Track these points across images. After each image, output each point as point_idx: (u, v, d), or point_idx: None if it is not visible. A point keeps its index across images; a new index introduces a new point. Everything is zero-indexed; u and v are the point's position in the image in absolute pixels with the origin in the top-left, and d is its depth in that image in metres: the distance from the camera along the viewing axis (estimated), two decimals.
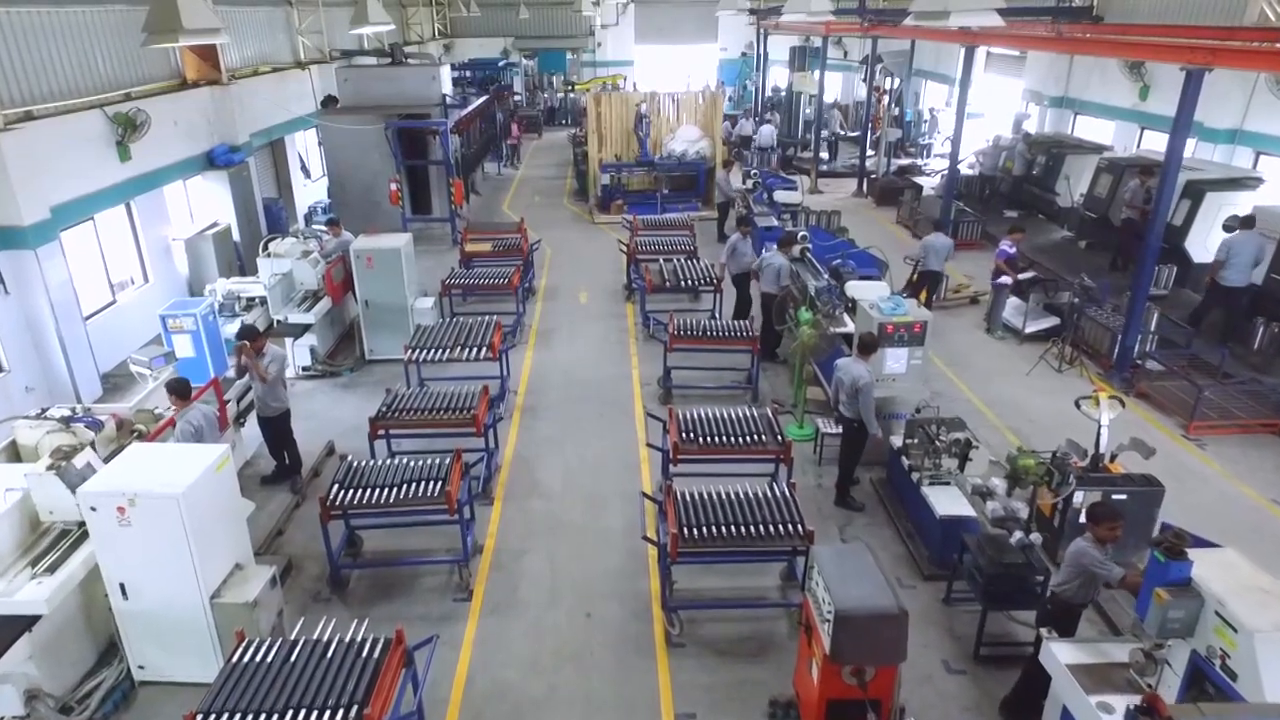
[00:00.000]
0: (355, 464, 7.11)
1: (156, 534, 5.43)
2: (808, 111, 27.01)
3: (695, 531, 6.13)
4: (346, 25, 17.61)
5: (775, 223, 15.23)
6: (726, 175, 17.04)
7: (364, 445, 8.07)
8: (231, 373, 8.96)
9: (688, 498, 6.53)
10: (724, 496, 6.55)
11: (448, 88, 19.61)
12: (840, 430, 8.33)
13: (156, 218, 13.12)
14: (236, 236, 14.82)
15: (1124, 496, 6.76)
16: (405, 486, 6.82)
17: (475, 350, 9.57)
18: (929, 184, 21.81)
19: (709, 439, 7.50)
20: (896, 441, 8.07)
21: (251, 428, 8.97)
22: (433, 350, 9.57)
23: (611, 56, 38.12)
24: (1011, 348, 12.06)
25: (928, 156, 26.01)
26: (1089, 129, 20.50)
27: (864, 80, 27.08)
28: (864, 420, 7.76)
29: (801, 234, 12.62)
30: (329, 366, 11.32)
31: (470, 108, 19.71)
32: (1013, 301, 12.49)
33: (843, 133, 28.40)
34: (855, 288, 10.55)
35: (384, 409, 8.11)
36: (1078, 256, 15.33)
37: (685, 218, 15.41)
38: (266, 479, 8.62)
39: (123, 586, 5.63)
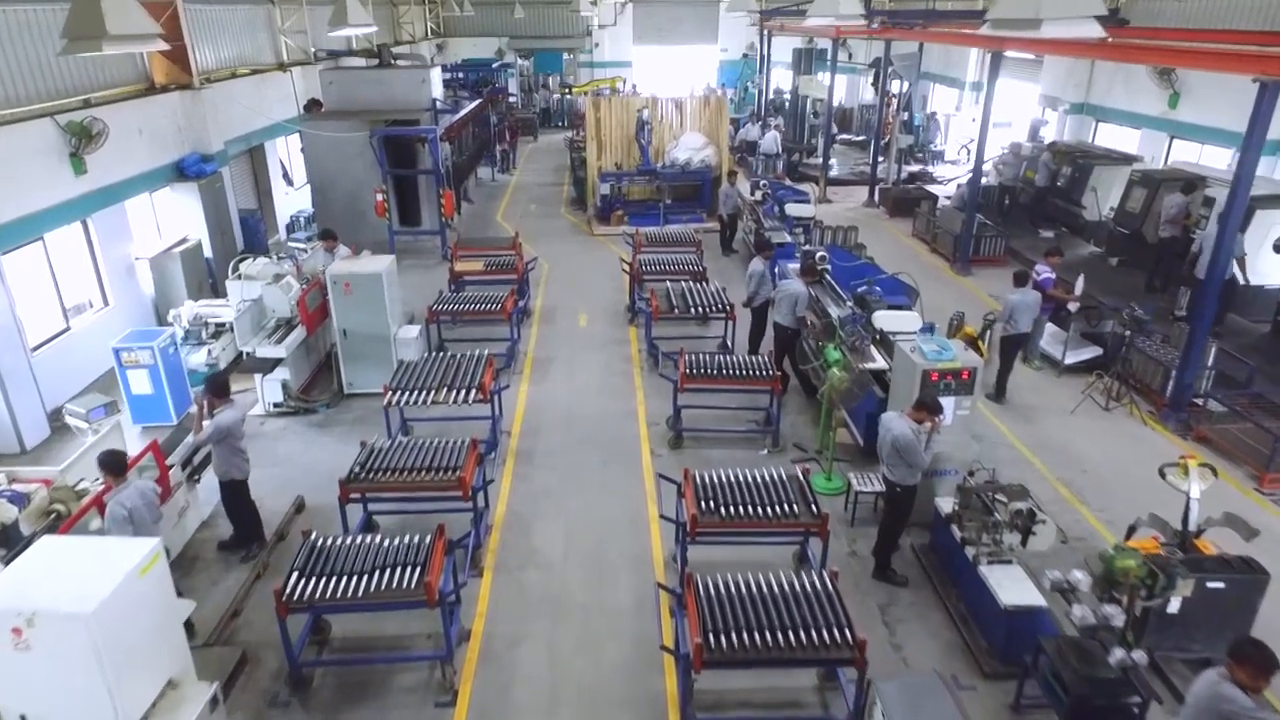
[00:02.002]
0: (319, 543, 6.07)
1: (62, 660, 4.38)
2: (812, 116, 26.04)
3: (723, 640, 5.11)
4: (324, 24, 16.50)
5: (788, 238, 14.24)
6: (733, 187, 15.99)
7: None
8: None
9: (712, 592, 5.50)
10: (754, 591, 5.52)
11: (438, 91, 18.55)
12: (881, 490, 7.33)
13: (118, 235, 12.02)
14: (208, 253, 13.74)
15: (1221, 585, 5.77)
16: (378, 574, 5.78)
17: (464, 393, 8.53)
18: (941, 192, 20.84)
19: (732, 509, 6.48)
20: (944, 504, 7.07)
21: (209, 483, 7.91)
22: (416, 392, 8.52)
23: (609, 57, 37.06)
24: (1050, 380, 11.07)
25: (938, 163, 25.02)
26: (1111, 137, 19.54)
27: (872, 84, 26.16)
28: (913, 467, 6.74)
29: (820, 254, 11.60)
30: (302, 402, 10.26)
31: (462, 113, 18.64)
32: (1050, 329, 11.49)
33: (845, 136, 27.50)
34: (885, 319, 9.58)
35: (357, 469, 7.06)
36: (1109, 275, 14.36)
37: (692, 232, 14.38)
38: (225, 544, 7.56)
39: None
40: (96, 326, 11.36)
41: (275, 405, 10.15)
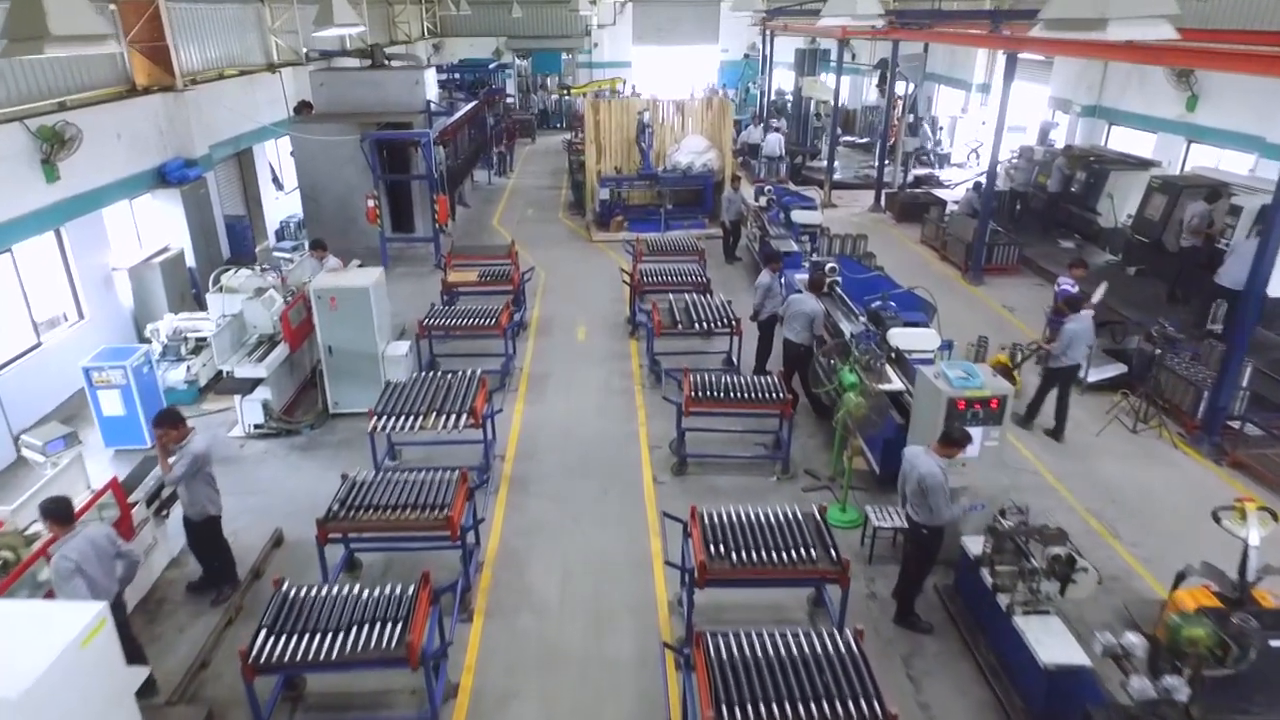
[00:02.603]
0: (291, 595, 5.52)
1: None
2: (815, 117, 25.49)
3: (737, 713, 4.56)
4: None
5: (794, 247, 13.70)
6: (737, 193, 15.44)
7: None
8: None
9: (724, 655, 4.95)
10: (771, 654, 4.97)
11: (433, 93, 18.01)
12: (903, 527, 6.79)
13: (94, 245, 11.46)
14: (191, 262, 13.19)
15: None
16: (355, 630, 5.24)
17: (454, 418, 7.98)
18: (949, 197, 20.31)
19: (744, 554, 5.94)
20: (971, 543, 6.53)
21: (180, 516, 7.36)
22: (403, 418, 7.97)
23: (608, 57, 36.53)
24: (1073, 399, 10.51)
25: (944, 166, 24.50)
26: (1124, 141, 19.01)
27: (877, 85, 25.64)
28: (936, 513, 6.20)
29: (830, 265, 11.06)
30: (285, 423, 9.71)
31: (457, 115, 18.09)
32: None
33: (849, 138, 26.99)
34: (901, 336, 9.04)
35: (336, 506, 6.52)
36: (1128, 285, 13.81)
37: (695, 240, 13.84)
38: (194, 585, 7.01)
39: None
40: (71, 341, 10.79)
41: (256, 427, 9.60)
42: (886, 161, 21.12)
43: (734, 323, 10.44)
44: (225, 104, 14.98)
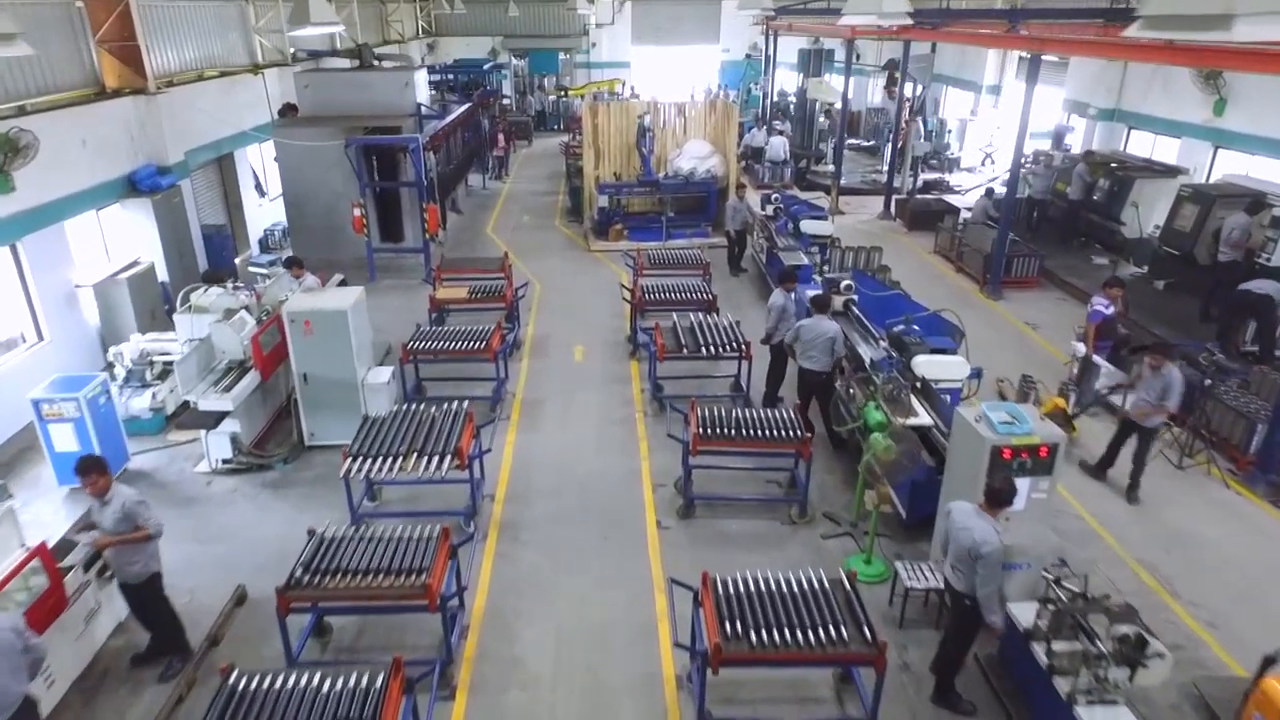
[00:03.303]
0: (239, 688, 4.74)
1: None
2: (821, 120, 24.74)
3: None
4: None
5: (804, 259, 12.93)
6: (742, 201, 14.66)
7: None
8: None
9: None
10: None
11: (424, 95, 17.23)
12: (938, 589, 6.03)
13: (55, 260, 10.64)
14: (164, 276, 12.40)
15: None
16: None
17: (437, 460, 7.20)
18: (959, 202, 19.56)
19: (764, 634, 5.15)
20: (1019, 611, 5.76)
21: None
22: (381, 459, 7.19)
23: (607, 58, 35.76)
24: (1110, 429, 9.75)
25: (953, 171, 23.73)
26: (1144, 146, 18.26)
27: (885, 87, 24.90)
28: (980, 600, 5.44)
29: (845, 282, 10.29)
30: (256, 457, 8.92)
31: (449, 118, 17.31)
32: (1105, 369, 10.17)
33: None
34: (927, 365, 8.29)
35: (300, 571, 5.72)
36: (1156, 300, 13.07)
37: (699, 253, 13.05)
38: (139, 658, 6.21)
39: None
40: (29, 364, 9.97)
41: (224, 462, 8.82)
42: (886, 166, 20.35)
43: (743, 346, 9.66)
44: (203, 107, 14.18)
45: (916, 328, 8.93)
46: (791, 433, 7.67)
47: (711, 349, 9.66)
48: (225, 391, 8.55)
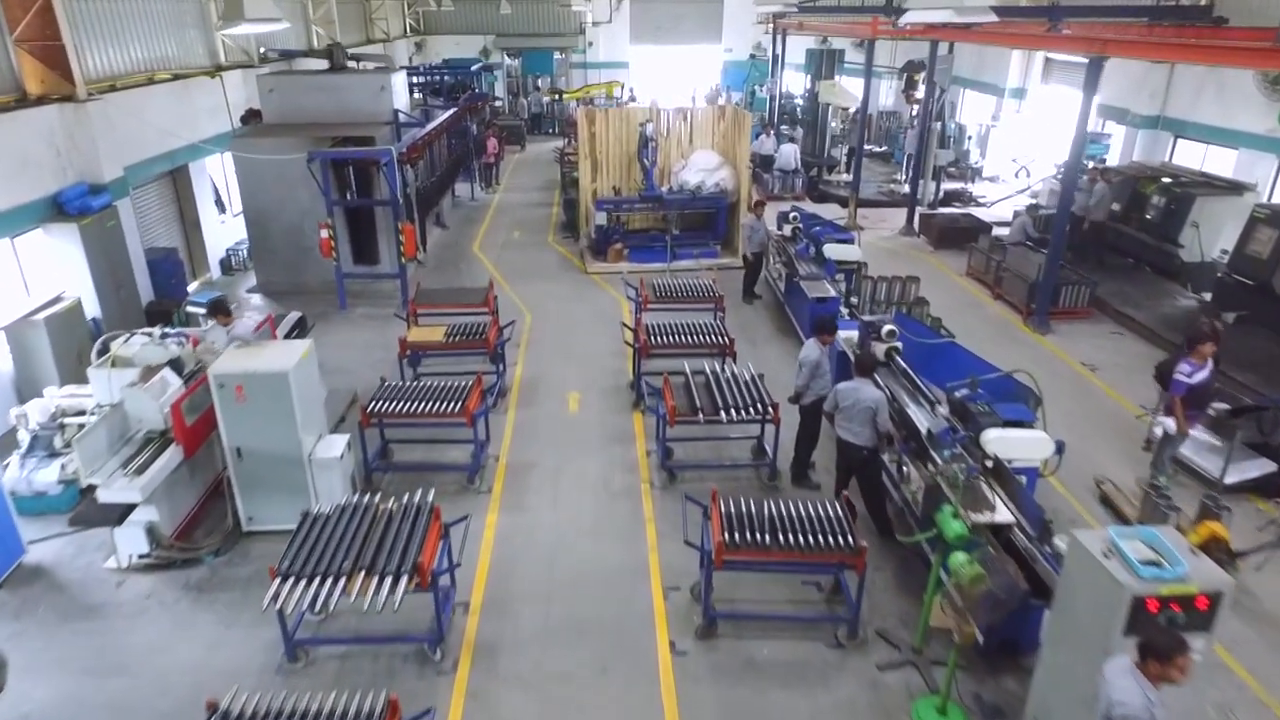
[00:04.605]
0: None
1: None
2: (833, 125, 23.16)
3: None
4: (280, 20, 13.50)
5: (830, 291, 11.35)
6: (760, 220, 13.07)
7: None
8: None
9: None
10: None
11: (402, 100, 15.61)
12: None
13: None
14: (95, 312, 10.79)
15: None
16: None
17: (390, 581, 5.60)
18: (986, 215, 18.01)
19: None
20: None
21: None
22: (318, 580, 5.59)
23: (604, 57, 34.19)
24: (1189, 496, 8.19)
25: (975, 180, 22.16)
26: (1189, 157, 16.72)
27: (903, 90, 23.33)
28: None
29: (888, 328, 8.70)
30: (181, 550, 7.31)
31: (431, 125, 15.68)
32: (1196, 434, 8.60)
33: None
34: (1002, 442, 6.70)
35: None
36: (1228, 337, 11.47)
37: (710, 283, 11.44)
38: None
39: None
40: None
41: (140, 557, 7.21)
42: (899, 177, 18.79)
43: (770, 408, 8.08)
44: (151, 115, 12.55)
45: (982, 392, 7.35)
46: (841, 539, 6.07)
47: (732, 411, 8.06)
48: (137, 474, 6.92)
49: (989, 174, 22.57)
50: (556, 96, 30.87)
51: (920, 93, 21.58)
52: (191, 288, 13.94)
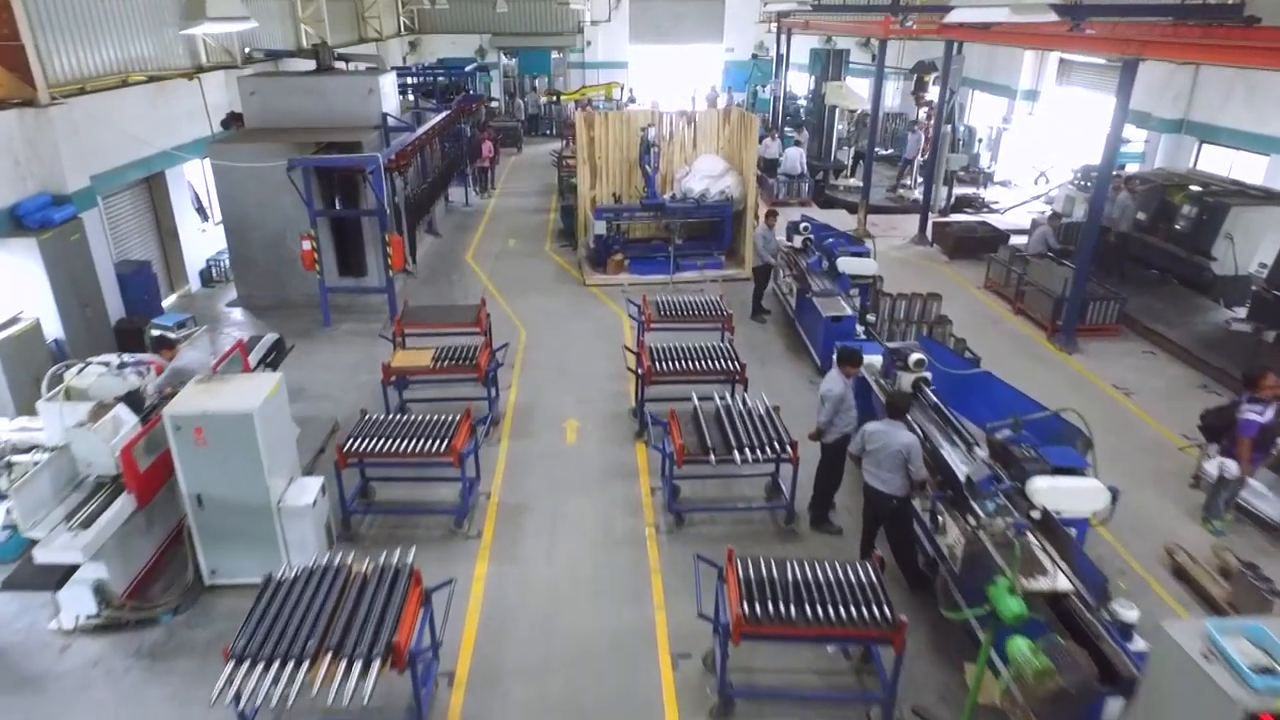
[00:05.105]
0: None
1: None
2: (840, 128, 22.45)
3: None
4: (265, 18, 12.72)
5: (846, 309, 10.62)
6: (772, 230, 12.31)
7: None
8: None
9: None
10: None
11: (392, 103, 14.86)
12: None
13: None
14: (59, 333, 10.02)
15: None
16: None
17: (360, 665, 4.86)
18: (1000, 223, 17.30)
19: None
20: None
21: None
22: (279, 663, 4.85)
23: (603, 57, 33.44)
24: (1252, 547, 7.47)
25: (987, 185, 21.45)
26: (1218, 163, 16.03)
27: (913, 92, 22.63)
28: None
29: (916, 357, 7.97)
30: (134, 610, 6.56)
31: (422, 129, 14.92)
32: (1265, 475, 7.88)
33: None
34: (1052, 492, 6.00)
35: None
36: (1266, 359, 10.76)
37: (719, 301, 10.68)
38: None
39: None
40: None
41: (89, 618, 6.46)
42: (908, 181, 18.09)
43: (789, 447, 7.34)
44: (122, 120, 11.80)
45: (1027, 434, 6.61)
46: (877, 611, 5.32)
47: (746, 451, 7.32)
48: (83, 527, 6.17)
49: (1001, 178, 21.87)
50: (554, 99, 30.09)
51: (930, 94, 20.91)
52: (167, 302, 13.17)
